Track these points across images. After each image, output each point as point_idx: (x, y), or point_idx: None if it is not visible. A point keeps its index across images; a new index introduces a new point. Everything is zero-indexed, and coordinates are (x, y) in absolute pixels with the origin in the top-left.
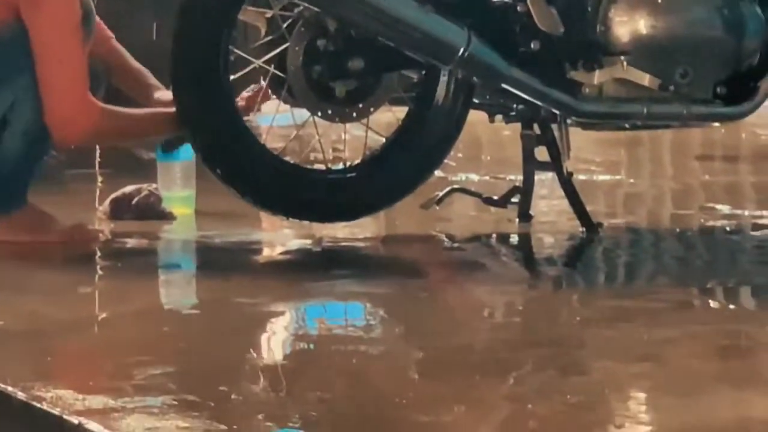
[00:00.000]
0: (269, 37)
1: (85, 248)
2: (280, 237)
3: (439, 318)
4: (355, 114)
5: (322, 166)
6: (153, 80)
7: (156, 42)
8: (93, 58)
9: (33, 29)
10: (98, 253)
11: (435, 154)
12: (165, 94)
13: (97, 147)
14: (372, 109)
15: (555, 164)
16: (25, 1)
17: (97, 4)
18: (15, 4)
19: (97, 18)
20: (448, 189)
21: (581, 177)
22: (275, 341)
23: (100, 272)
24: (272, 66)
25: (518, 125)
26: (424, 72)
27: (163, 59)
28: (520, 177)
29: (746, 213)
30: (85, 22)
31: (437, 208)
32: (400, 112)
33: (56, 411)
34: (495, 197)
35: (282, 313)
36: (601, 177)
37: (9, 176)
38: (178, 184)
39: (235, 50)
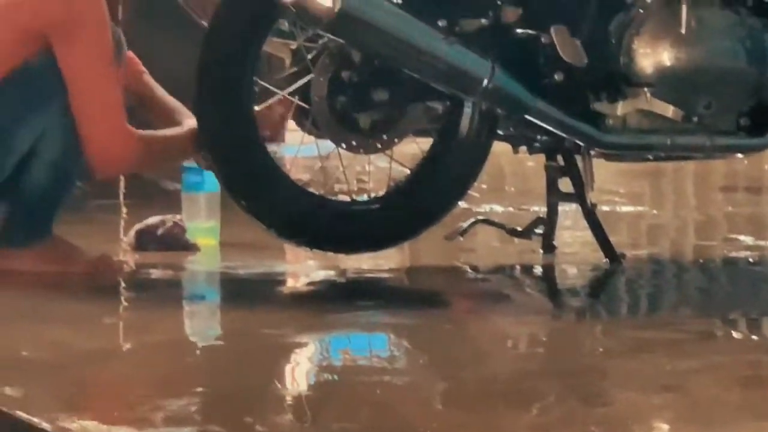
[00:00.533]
0: (294, 69)
1: (109, 279)
2: (304, 268)
3: (463, 348)
4: (379, 145)
5: (346, 198)
6: (186, 111)
7: (185, 73)
8: (126, 92)
9: (66, 64)
10: (122, 284)
11: (459, 186)
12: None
13: (122, 177)
14: (396, 141)
15: (578, 195)
16: (58, 36)
17: (129, 37)
18: (44, 36)
19: (131, 53)
20: (472, 220)
21: (605, 208)
22: (300, 372)
23: (124, 303)
24: (296, 97)
25: (542, 156)
26: (448, 103)
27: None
28: (544, 208)
29: None
30: (116, 54)
31: (461, 239)
32: (425, 143)
33: None
34: (519, 228)
35: (306, 344)
36: (625, 208)
37: (36, 207)
38: (202, 215)
39: (260, 81)
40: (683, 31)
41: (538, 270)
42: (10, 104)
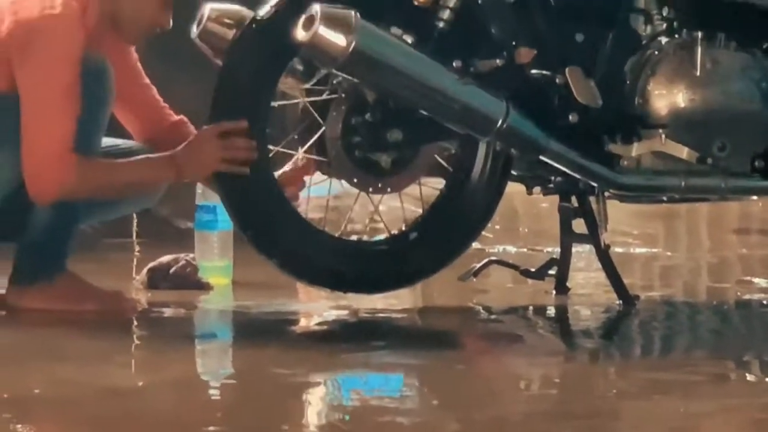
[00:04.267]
0: (304, 124)
1: (121, 317)
2: (316, 308)
3: (475, 389)
4: (390, 187)
5: (357, 237)
6: None
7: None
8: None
9: (20, 84)
10: (135, 323)
11: (473, 226)
12: None
13: (134, 216)
14: (410, 182)
15: (592, 236)
16: (18, 58)
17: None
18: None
19: (165, 106)
20: (485, 261)
21: (618, 249)
22: (311, 412)
23: (136, 341)
24: (314, 152)
25: (556, 197)
26: (461, 143)
27: None
28: (558, 249)
29: None
30: (97, 81)
31: (474, 279)
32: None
33: None
34: (532, 269)
35: (318, 384)
36: (639, 250)
37: (43, 245)
38: (215, 254)
39: (275, 148)
40: (698, 73)
41: (551, 311)
42: None
